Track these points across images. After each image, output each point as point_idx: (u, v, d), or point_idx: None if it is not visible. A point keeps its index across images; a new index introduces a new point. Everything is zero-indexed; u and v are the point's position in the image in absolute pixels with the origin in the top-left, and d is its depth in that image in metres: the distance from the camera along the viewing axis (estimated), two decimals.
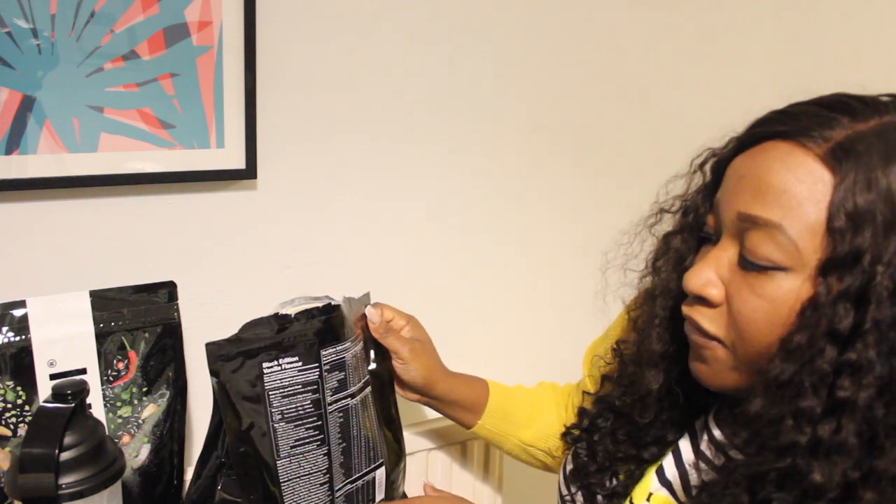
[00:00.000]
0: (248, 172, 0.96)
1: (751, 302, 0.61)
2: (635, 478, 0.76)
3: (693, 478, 0.71)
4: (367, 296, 0.89)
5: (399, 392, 0.92)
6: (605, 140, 1.24)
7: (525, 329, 1.26)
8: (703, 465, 0.71)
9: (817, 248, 0.58)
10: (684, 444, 0.73)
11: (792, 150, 0.60)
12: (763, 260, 0.60)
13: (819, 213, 0.58)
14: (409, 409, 1.15)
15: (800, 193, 0.59)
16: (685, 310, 0.68)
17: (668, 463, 0.74)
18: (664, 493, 0.73)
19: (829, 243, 0.58)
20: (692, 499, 0.70)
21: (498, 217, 1.19)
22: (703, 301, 0.65)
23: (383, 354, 0.89)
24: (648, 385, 0.74)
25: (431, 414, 1.14)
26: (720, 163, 0.69)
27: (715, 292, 0.64)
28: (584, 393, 0.88)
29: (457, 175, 1.13)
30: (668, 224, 0.76)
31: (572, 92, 1.19)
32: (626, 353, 0.80)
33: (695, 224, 0.72)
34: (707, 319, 0.65)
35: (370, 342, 0.88)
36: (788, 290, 0.60)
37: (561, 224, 1.24)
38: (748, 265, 0.62)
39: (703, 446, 0.72)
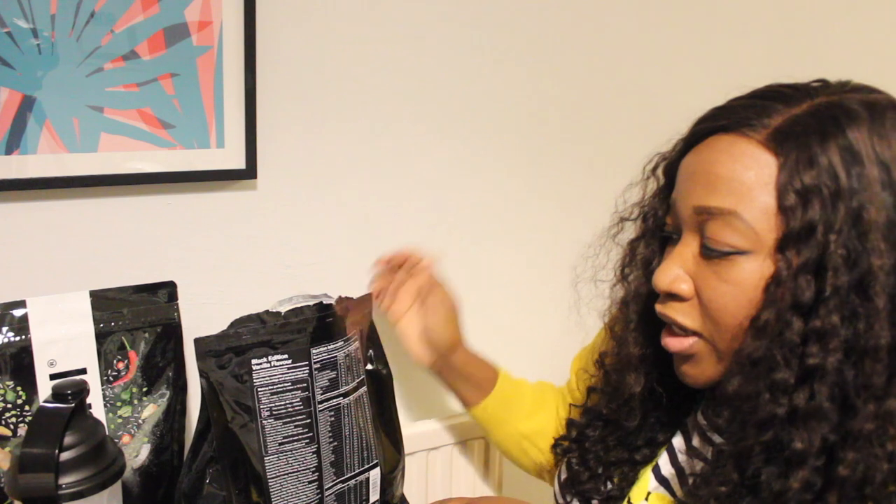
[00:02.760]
0: (248, 172, 0.96)
1: (718, 288, 0.64)
2: (630, 480, 0.77)
3: (688, 473, 0.72)
4: (368, 296, 0.89)
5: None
6: (606, 143, 1.24)
7: (527, 331, 1.26)
8: (696, 460, 0.72)
9: (772, 227, 0.62)
10: (678, 442, 0.74)
11: (735, 141, 0.64)
12: (724, 246, 0.63)
13: (769, 195, 0.61)
14: (409, 409, 1.15)
15: (748, 179, 0.62)
16: (659, 308, 0.70)
17: (664, 461, 0.75)
18: (662, 491, 0.74)
19: (782, 222, 0.61)
20: (687, 490, 0.71)
21: (501, 217, 1.18)
22: (674, 297, 0.68)
23: (382, 356, 0.89)
24: (631, 388, 0.76)
25: (431, 414, 1.14)
26: (670, 164, 0.72)
27: (684, 287, 0.67)
28: (572, 406, 0.90)
29: (457, 175, 1.13)
30: (629, 232, 0.79)
31: (576, 94, 1.19)
32: (607, 363, 0.82)
33: (655, 227, 0.74)
34: (681, 314, 0.68)
35: (369, 343, 0.88)
36: (751, 272, 0.63)
37: (564, 226, 1.24)
38: (711, 253, 0.65)
39: (696, 442, 0.73)
